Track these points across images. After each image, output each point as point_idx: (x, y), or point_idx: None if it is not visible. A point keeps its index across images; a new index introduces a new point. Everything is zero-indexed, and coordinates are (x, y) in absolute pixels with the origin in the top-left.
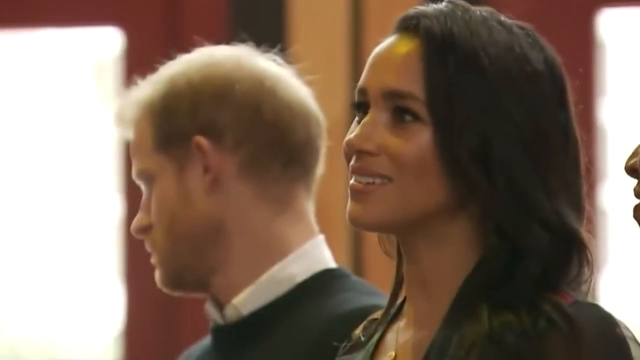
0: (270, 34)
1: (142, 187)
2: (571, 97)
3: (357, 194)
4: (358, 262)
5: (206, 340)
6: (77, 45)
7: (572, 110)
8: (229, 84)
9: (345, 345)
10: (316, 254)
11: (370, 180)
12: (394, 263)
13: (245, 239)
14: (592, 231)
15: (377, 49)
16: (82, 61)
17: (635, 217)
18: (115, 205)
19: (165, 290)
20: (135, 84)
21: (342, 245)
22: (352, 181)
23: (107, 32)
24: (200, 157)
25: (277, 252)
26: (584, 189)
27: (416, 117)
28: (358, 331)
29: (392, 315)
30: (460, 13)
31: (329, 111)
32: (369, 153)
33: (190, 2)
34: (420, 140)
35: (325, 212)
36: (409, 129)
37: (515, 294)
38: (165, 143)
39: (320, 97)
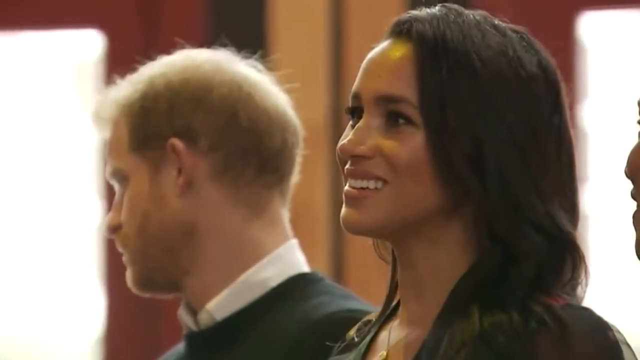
0: (251, 38)
1: (115, 186)
2: (565, 100)
3: (351, 200)
4: (339, 268)
5: (180, 346)
6: (58, 47)
7: (567, 112)
8: (208, 88)
9: (339, 346)
10: (289, 258)
11: (365, 184)
12: (390, 267)
13: (218, 242)
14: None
15: (370, 54)
16: (63, 64)
17: (634, 223)
18: (95, 208)
19: (135, 290)
20: (115, 83)
21: (324, 250)
22: (346, 187)
23: (88, 34)
24: (175, 159)
25: (250, 256)
26: (579, 191)
27: (409, 121)
28: (352, 332)
29: (386, 317)
30: (453, 17)
31: (309, 118)
32: (363, 157)
33: (171, 6)
34: (414, 143)
35: (307, 218)
36: (402, 133)
37: (507, 295)
38: (140, 144)
39: (300, 104)
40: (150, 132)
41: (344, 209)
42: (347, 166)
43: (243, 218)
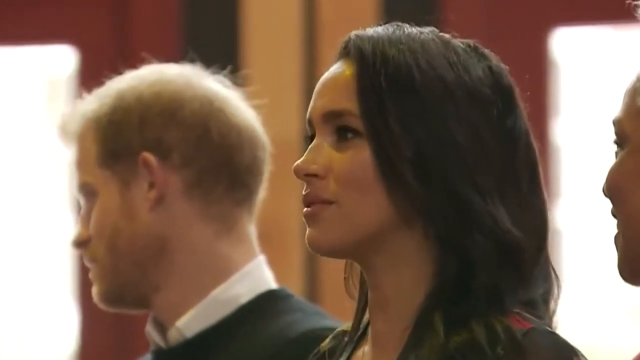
0: (223, 54)
1: (82, 200)
2: (520, 104)
3: (307, 219)
4: (312, 284)
5: None
6: (30, 63)
7: (523, 117)
8: (179, 102)
9: (315, 354)
10: (259, 275)
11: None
12: (356, 291)
13: (188, 258)
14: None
15: (321, 78)
16: (35, 79)
17: (615, 244)
18: (67, 223)
19: (102, 305)
20: (82, 97)
21: (296, 267)
22: (304, 209)
23: (61, 50)
24: (146, 174)
25: (220, 272)
26: (544, 197)
27: (357, 133)
28: (325, 344)
29: (359, 337)
30: (392, 30)
31: (280, 134)
32: (316, 176)
33: (143, 22)
34: (361, 156)
35: (279, 234)
36: (351, 146)
37: (471, 311)
38: (110, 158)
39: (271, 120)
40: (120, 146)
41: (307, 231)
42: (303, 190)
43: (214, 234)
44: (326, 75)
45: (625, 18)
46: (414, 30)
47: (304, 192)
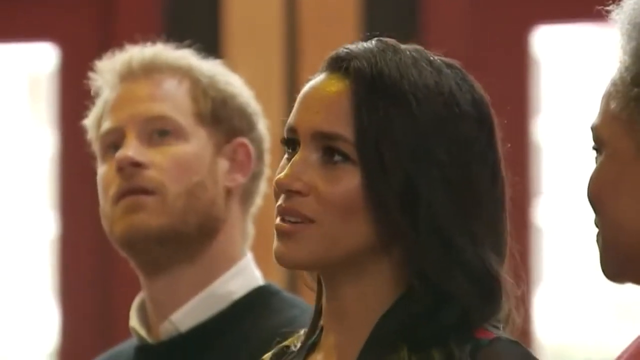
0: (205, 52)
1: (156, 135)
2: (499, 137)
3: (282, 235)
4: (293, 281)
5: (125, 357)
6: (12, 60)
7: (500, 149)
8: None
9: None
10: (250, 271)
11: (295, 220)
12: (314, 295)
13: (212, 253)
14: (522, 252)
15: (306, 88)
16: (16, 76)
17: (596, 242)
18: (49, 222)
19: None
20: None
21: (277, 267)
22: (277, 220)
23: (42, 47)
24: (243, 159)
25: (219, 268)
26: (507, 229)
27: (346, 158)
28: (267, 357)
29: (309, 346)
30: (390, 54)
31: None
32: (298, 193)
33: (125, 19)
34: (349, 183)
35: (263, 232)
36: (338, 170)
37: (435, 334)
38: (211, 122)
39: None
40: (228, 122)
41: (275, 243)
42: (280, 201)
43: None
44: (315, 86)
45: (607, 16)
46: (406, 52)
47: (281, 204)
